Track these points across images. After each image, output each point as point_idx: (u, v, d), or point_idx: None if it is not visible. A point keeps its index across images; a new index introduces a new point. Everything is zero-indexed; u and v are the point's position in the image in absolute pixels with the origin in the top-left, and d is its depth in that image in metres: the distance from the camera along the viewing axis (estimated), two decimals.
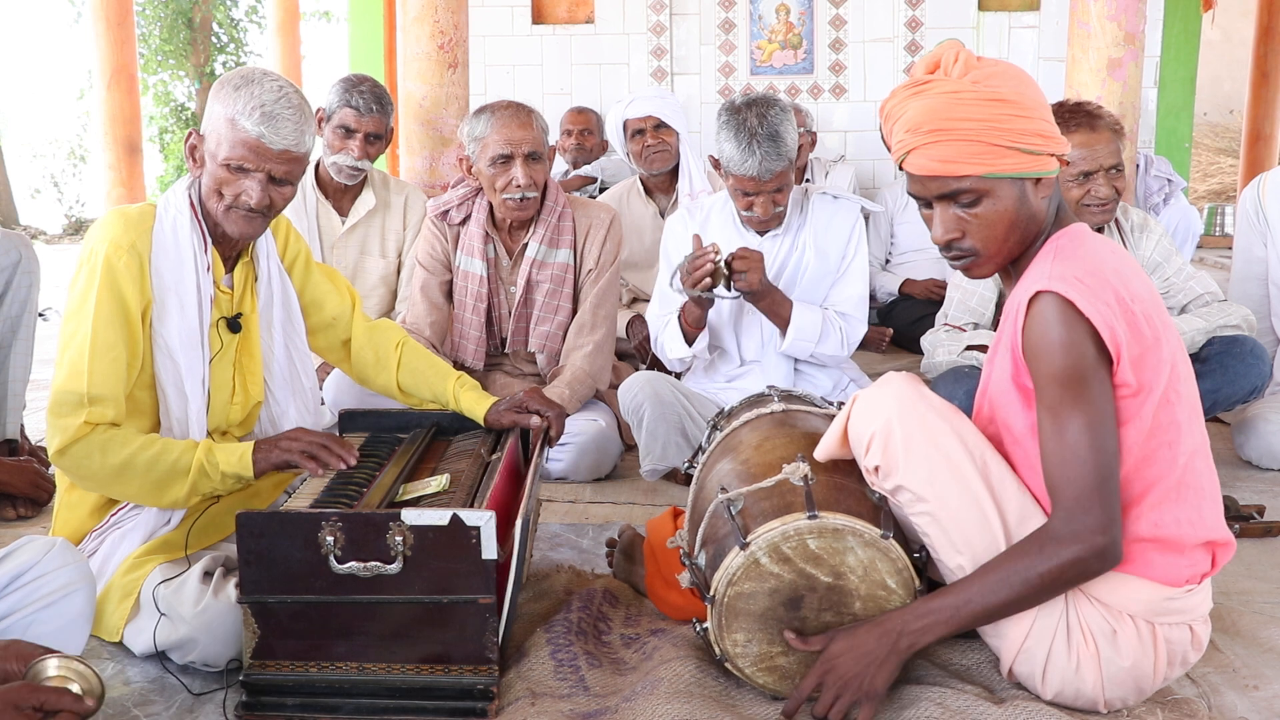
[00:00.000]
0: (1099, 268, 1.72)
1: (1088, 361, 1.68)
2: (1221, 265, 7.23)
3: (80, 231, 13.80)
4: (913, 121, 1.77)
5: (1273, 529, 2.70)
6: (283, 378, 2.33)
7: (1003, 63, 1.80)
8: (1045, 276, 1.71)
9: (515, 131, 3.12)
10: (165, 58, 14.29)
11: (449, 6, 4.22)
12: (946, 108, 1.74)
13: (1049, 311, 1.70)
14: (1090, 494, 1.68)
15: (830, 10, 6.29)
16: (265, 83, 2.09)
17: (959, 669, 1.95)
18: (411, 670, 1.85)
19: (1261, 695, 1.90)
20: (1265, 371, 3.13)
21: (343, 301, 2.48)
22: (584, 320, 3.31)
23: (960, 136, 1.74)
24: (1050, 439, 1.72)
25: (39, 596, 1.72)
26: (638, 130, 4.29)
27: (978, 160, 1.74)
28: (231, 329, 2.23)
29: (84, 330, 2.02)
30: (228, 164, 2.09)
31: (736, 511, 1.86)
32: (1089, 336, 1.68)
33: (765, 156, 2.89)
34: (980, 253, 1.81)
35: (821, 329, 3.06)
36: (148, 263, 2.09)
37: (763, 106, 2.93)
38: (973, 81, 1.75)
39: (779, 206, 3.01)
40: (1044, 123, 1.76)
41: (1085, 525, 1.68)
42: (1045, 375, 1.71)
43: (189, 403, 2.13)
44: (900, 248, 5.43)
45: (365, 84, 3.69)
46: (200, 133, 2.16)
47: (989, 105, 1.73)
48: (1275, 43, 8.29)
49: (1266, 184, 3.56)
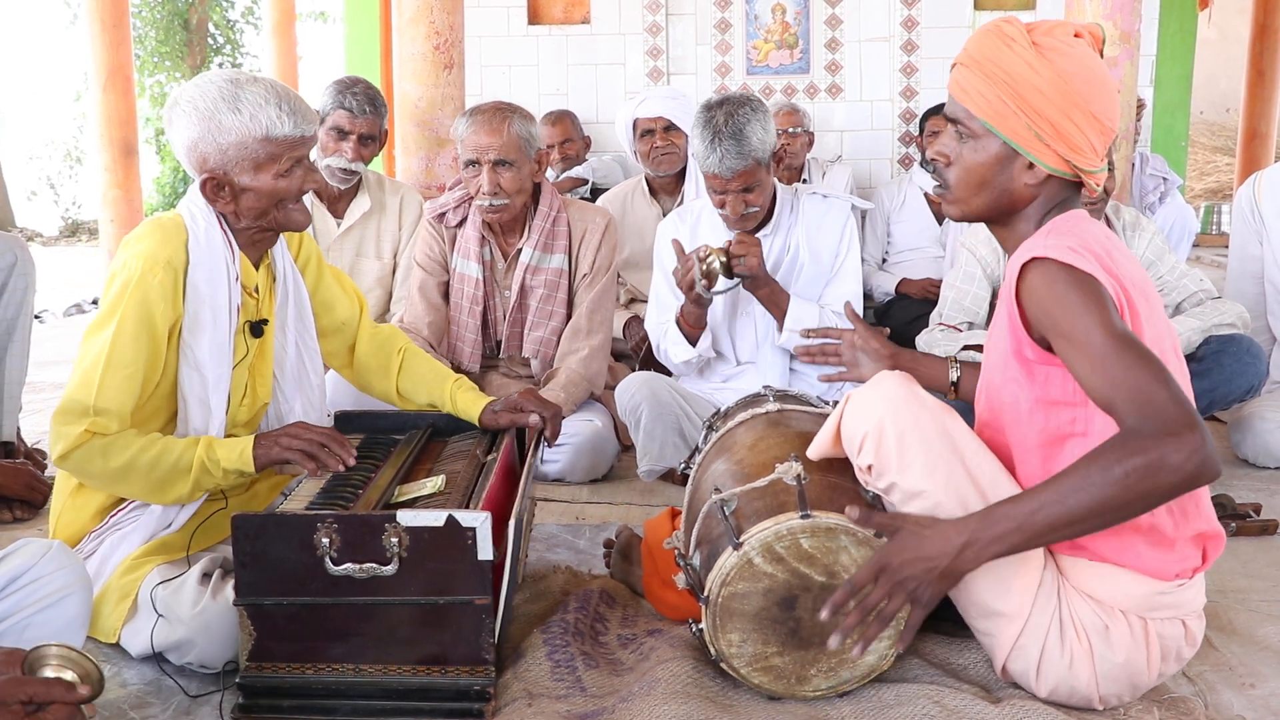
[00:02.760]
0: (1089, 245, 1.71)
1: (1102, 292, 1.64)
2: (1217, 264, 7.25)
3: (76, 233, 13.81)
4: (971, 45, 1.81)
5: (1269, 527, 2.71)
6: (292, 376, 2.32)
7: (1092, 59, 1.76)
8: (1041, 246, 1.70)
9: (483, 138, 3.09)
10: (161, 59, 14.28)
11: (445, 7, 4.23)
12: (996, 50, 1.76)
13: (1046, 272, 1.68)
14: (1155, 392, 1.55)
15: (826, 10, 6.29)
16: (251, 87, 2.05)
17: (956, 667, 1.96)
18: (408, 672, 1.85)
19: (1258, 693, 1.91)
20: (1262, 370, 3.14)
21: (352, 307, 2.49)
22: (579, 325, 3.31)
23: (987, 76, 1.76)
24: (1088, 370, 1.62)
25: (35, 599, 1.72)
26: (647, 130, 4.24)
27: (986, 105, 1.77)
28: (255, 333, 2.23)
29: (103, 344, 2.01)
30: (283, 172, 2.08)
31: (730, 512, 1.87)
32: (1094, 280, 1.65)
33: (726, 154, 2.89)
34: (949, 188, 1.87)
35: (818, 321, 3.07)
36: (183, 277, 2.07)
37: (732, 105, 2.93)
38: (1036, 44, 1.75)
39: (751, 207, 3.00)
40: (1073, 127, 1.74)
41: (1166, 419, 1.53)
42: (1063, 319, 1.64)
43: (211, 415, 2.13)
44: (897, 247, 5.43)
45: (358, 85, 3.69)
46: (217, 173, 2.07)
47: (1029, 70, 1.73)
48: (1271, 41, 8.31)
49: (1262, 182, 3.56)
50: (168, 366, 2.10)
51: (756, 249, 2.93)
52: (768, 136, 2.95)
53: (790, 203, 3.16)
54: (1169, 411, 1.54)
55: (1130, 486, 1.54)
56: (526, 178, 3.17)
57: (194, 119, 2.04)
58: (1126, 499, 1.55)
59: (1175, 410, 1.54)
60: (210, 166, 2.07)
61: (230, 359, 2.15)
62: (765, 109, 2.98)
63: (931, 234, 5.37)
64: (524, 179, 3.16)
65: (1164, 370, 1.58)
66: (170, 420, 2.15)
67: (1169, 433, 1.53)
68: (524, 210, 3.26)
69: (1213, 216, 9.61)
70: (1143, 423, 1.55)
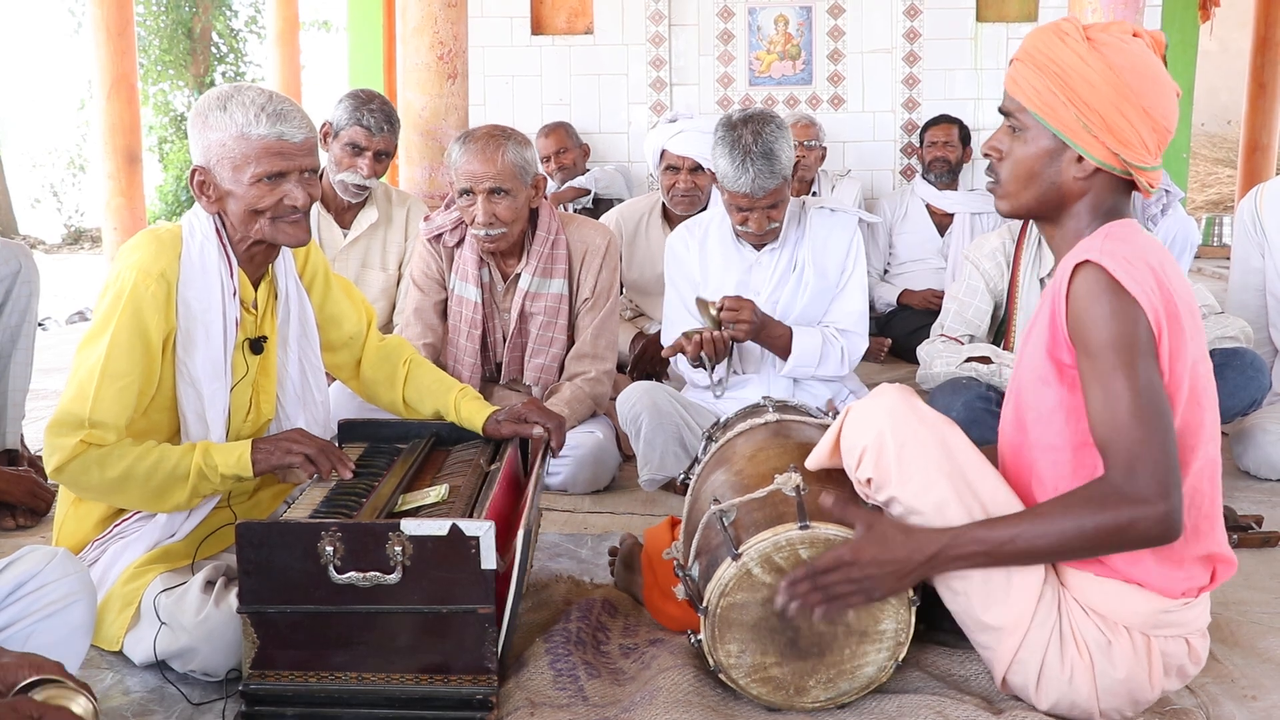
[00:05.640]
0: (1144, 256, 1.71)
1: (1138, 329, 1.65)
2: (1219, 276, 7.25)
3: (79, 241, 13.83)
4: (1028, 41, 1.82)
5: (1270, 539, 2.71)
6: (294, 394, 2.32)
7: (1148, 56, 1.76)
8: (1096, 250, 1.70)
9: (477, 166, 2.99)
10: (165, 68, 14.30)
11: (449, 17, 4.24)
12: (1050, 44, 1.77)
13: (1096, 281, 1.68)
14: (1148, 454, 1.62)
15: (829, 21, 6.31)
16: (247, 91, 2.08)
17: (957, 679, 1.96)
18: (411, 680, 1.85)
19: (1260, 705, 1.90)
20: (1265, 384, 3.14)
21: (360, 320, 2.49)
22: (584, 350, 3.26)
23: (1039, 68, 1.77)
24: (1099, 405, 1.67)
25: (40, 607, 1.72)
26: (673, 166, 4.13)
27: (1037, 96, 1.77)
28: (254, 350, 2.23)
29: (98, 355, 2.01)
30: (260, 178, 2.07)
31: (729, 522, 1.87)
32: (1136, 309, 1.66)
33: (759, 174, 2.89)
34: (1001, 184, 1.87)
35: (821, 352, 3.07)
36: (175, 291, 2.08)
37: (758, 123, 2.93)
38: (1090, 39, 1.75)
39: (774, 222, 3.02)
40: (1122, 120, 1.73)
41: (1147, 486, 1.62)
42: (1095, 341, 1.67)
43: (209, 431, 2.13)
44: (899, 258, 5.45)
45: (374, 101, 3.67)
46: (203, 168, 2.11)
47: (1080, 62, 1.73)
48: (1272, 54, 8.33)
49: (1264, 195, 3.57)
50: (163, 379, 2.10)
51: (747, 312, 2.93)
52: (792, 153, 2.97)
53: (798, 216, 3.16)
54: (1152, 478, 1.62)
55: (1096, 539, 1.66)
56: (523, 205, 3.08)
57: (193, 117, 2.11)
58: (1090, 548, 1.68)
59: (1158, 478, 1.62)
60: (198, 162, 2.11)
61: (228, 376, 2.15)
62: (786, 124, 2.99)
63: (933, 245, 5.38)
64: (520, 206, 3.07)
65: (1165, 432, 1.64)
66: (170, 436, 2.15)
67: (1144, 499, 1.62)
68: (522, 235, 3.18)
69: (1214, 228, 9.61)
70: (1125, 481, 1.63)
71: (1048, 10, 6.20)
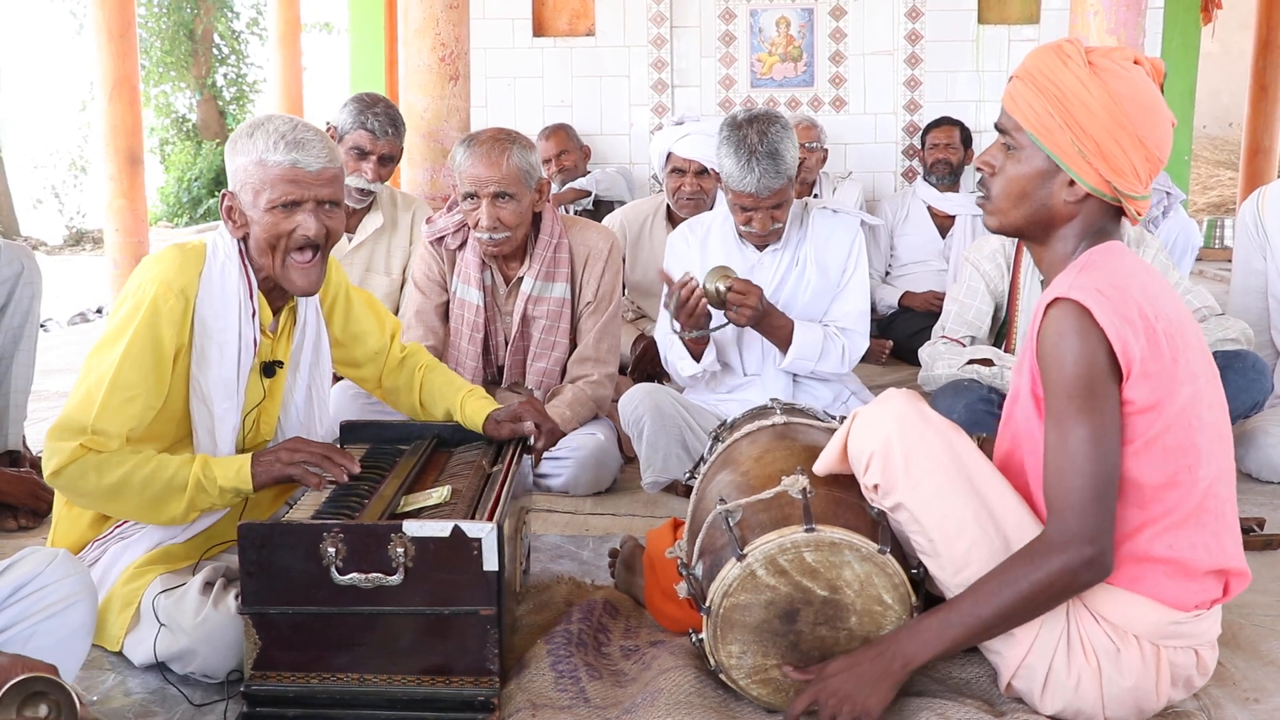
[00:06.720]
0: (1125, 282, 1.72)
1: (1097, 373, 1.67)
2: (1221, 278, 7.25)
3: (81, 242, 13.83)
4: (1029, 60, 1.82)
5: (1273, 542, 2.71)
6: (297, 419, 2.33)
7: (1147, 86, 1.76)
8: (1067, 285, 1.71)
9: (482, 170, 3.00)
10: (167, 69, 14.32)
11: (450, 19, 4.24)
12: (1051, 65, 1.77)
13: (1064, 320, 1.69)
14: (1085, 504, 1.67)
15: (830, 23, 6.31)
16: (275, 119, 2.10)
17: (958, 683, 1.95)
18: (412, 681, 1.85)
19: (1262, 708, 1.90)
20: (1266, 387, 3.14)
21: (383, 336, 2.52)
22: (587, 353, 3.26)
23: (1039, 89, 1.77)
24: (1053, 449, 1.71)
25: (41, 608, 1.72)
26: (679, 168, 4.14)
27: (1034, 117, 1.77)
28: (266, 374, 2.23)
29: (109, 365, 2.01)
30: (274, 205, 2.07)
31: (734, 523, 1.87)
32: (1102, 347, 1.67)
33: (764, 174, 2.90)
34: (991, 199, 1.86)
35: (822, 347, 3.07)
36: (192, 307, 2.08)
37: (764, 123, 2.93)
38: (1092, 64, 1.75)
39: (777, 222, 3.02)
40: (1117, 148, 1.73)
41: (1076, 533, 1.67)
42: (1054, 383, 1.71)
43: (217, 449, 2.13)
44: (900, 260, 5.45)
45: (379, 105, 3.67)
46: (231, 193, 2.13)
47: (1080, 86, 1.73)
48: (1274, 56, 8.32)
49: (1266, 197, 3.57)
50: (173, 393, 2.10)
51: (753, 298, 2.93)
52: (796, 153, 2.98)
53: (800, 217, 3.16)
54: (1080, 521, 1.67)
55: (1035, 597, 1.70)
56: (527, 209, 3.09)
57: (228, 143, 2.14)
58: (1032, 607, 1.71)
59: (1086, 521, 1.67)
60: (229, 187, 2.14)
61: (240, 396, 2.15)
62: (790, 125, 3.00)
63: (934, 247, 5.38)
64: (524, 210, 3.08)
65: (1103, 479, 1.68)
66: (171, 445, 2.14)
67: (1070, 543, 1.67)
68: (525, 238, 3.18)
69: (1215, 231, 9.61)
70: (1056, 529, 1.69)
71: (1049, 13, 6.21)
